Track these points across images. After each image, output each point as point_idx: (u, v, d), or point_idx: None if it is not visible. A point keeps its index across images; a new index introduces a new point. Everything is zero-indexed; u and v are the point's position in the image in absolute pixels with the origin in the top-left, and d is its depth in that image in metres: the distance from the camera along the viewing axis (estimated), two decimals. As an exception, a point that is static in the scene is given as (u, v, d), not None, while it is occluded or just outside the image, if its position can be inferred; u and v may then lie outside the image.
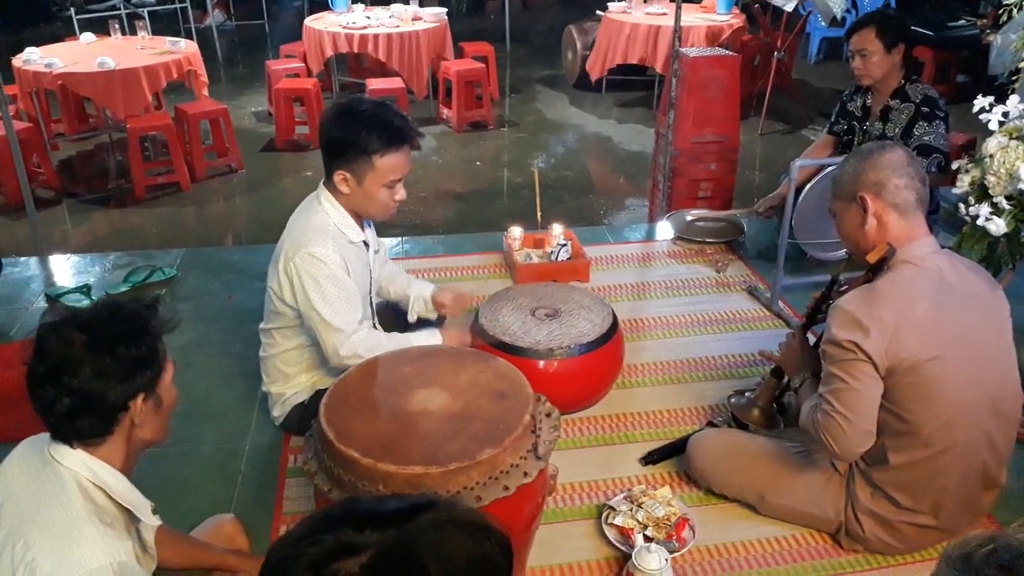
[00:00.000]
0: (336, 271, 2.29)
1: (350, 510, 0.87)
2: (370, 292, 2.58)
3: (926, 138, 3.25)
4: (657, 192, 4.46)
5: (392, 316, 2.77)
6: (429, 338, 2.48)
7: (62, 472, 1.43)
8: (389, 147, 2.25)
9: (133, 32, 6.43)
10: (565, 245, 3.61)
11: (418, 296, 2.75)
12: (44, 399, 1.40)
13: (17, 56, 5.67)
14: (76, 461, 1.44)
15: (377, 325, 2.62)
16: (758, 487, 2.26)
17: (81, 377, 1.38)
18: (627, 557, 2.06)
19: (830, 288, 2.33)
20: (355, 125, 2.24)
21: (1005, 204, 2.51)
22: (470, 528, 0.88)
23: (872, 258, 1.98)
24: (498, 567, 0.88)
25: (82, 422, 1.41)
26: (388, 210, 2.38)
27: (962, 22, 7.67)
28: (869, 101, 3.51)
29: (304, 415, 2.43)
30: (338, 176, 2.31)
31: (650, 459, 2.52)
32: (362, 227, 2.46)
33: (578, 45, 7.53)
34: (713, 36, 6.49)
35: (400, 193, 2.35)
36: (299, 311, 2.37)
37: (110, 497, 1.47)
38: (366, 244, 2.49)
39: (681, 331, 3.28)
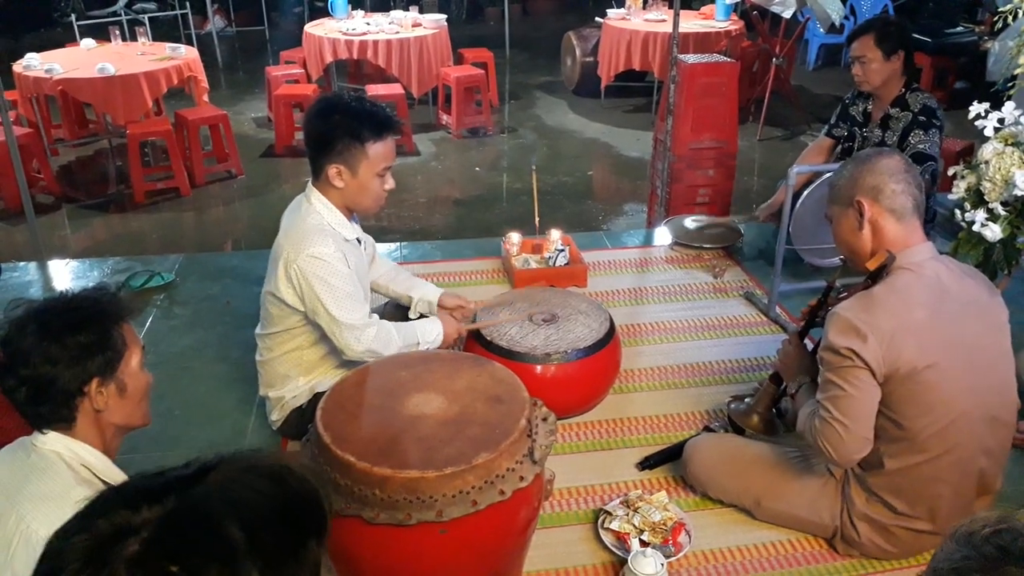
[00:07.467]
0: (340, 267, 2.32)
1: (121, 489, 0.75)
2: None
3: (920, 146, 3.24)
4: (655, 198, 4.47)
5: (402, 316, 2.77)
6: (431, 325, 2.54)
7: (45, 452, 1.47)
8: (380, 135, 2.32)
9: (134, 38, 6.44)
10: (563, 250, 3.62)
11: (422, 298, 2.76)
12: (8, 389, 1.46)
13: (17, 62, 5.68)
14: (54, 442, 1.48)
15: None
16: (754, 492, 2.26)
17: (31, 365, 1.43)
18: (623, 562, 2.06)
19: (826, 294, 2.33)
20: (344, 117, 2.31)
21: (1001, 210, 2.52)
22: (267, 472, 0.78)
23: (872, 265, 1.97)
24: (312, 506, 0.80)
25: (42, 408, 1.46)
26: (380, 200, 2.43)
27: (960, 29, 7.69)
28: (870, 107, 3.50)
29: (302, 419, 2.43)
30: (332, 170, 2.34)
31: (647, 464, 2.52)
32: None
33: (577, 52, 7.55)
34: (711, 42, 6.50)
35: (390, 182, 2.41)
36: (303, 313, 2.39)
37: (94, 475, 1.49)
38: (359, 241, 2.52)
39: (678, 336, 3.28)
